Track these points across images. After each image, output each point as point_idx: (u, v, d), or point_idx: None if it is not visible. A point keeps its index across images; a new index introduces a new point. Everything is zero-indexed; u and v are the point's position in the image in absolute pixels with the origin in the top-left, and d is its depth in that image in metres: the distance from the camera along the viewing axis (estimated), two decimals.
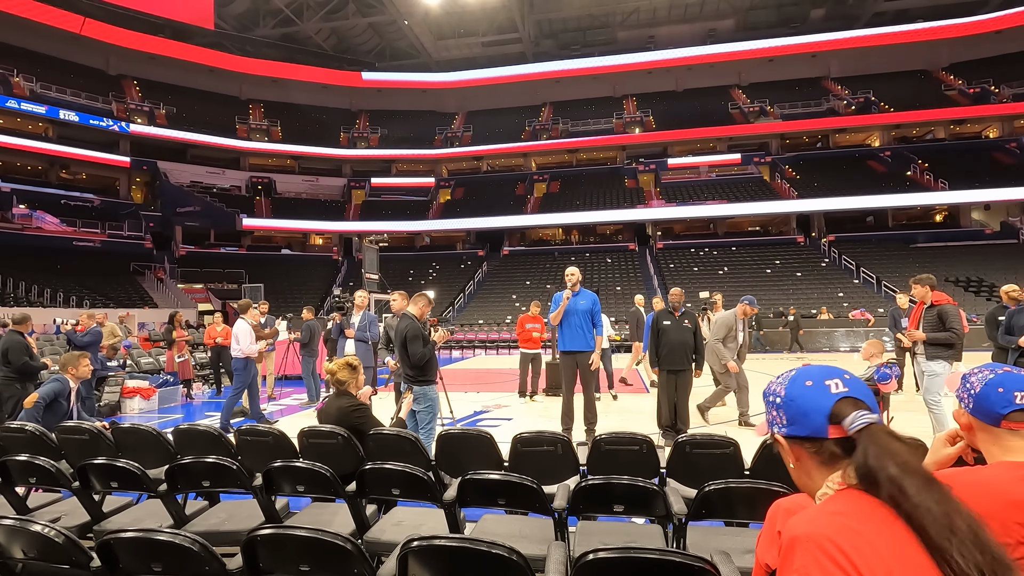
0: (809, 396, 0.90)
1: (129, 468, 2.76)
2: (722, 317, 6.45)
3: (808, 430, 0.90)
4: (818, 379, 0.92)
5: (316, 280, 29.43)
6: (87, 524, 2.87)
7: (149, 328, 19.39)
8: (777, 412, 0.94)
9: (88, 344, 7.59)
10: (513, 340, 21.44)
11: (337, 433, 3.12)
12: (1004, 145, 28.54)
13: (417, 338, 4.50)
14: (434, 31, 33.40)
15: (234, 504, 3.10)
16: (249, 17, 32.19)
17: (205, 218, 28.95)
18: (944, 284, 20.76)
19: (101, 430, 3.64)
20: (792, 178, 29.41)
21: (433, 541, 1.65)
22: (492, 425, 7.03)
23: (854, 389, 0.90)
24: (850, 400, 0.89)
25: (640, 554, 1.52)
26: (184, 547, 1.73)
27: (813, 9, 32.35)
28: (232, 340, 6.90)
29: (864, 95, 30.67)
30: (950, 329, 4.83)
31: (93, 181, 29.35)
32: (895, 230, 28.47)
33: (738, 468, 2.86)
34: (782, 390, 0.94)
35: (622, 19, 33.60)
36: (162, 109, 30.31)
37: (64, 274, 22.70)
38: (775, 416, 0.95)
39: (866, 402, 0.89)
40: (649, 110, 33.64)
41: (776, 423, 0.95)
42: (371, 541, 2.56)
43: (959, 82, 30.38)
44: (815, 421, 0.89)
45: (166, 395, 9.17)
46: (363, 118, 36.54)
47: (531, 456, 3.11)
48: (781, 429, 0.94)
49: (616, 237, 31.74)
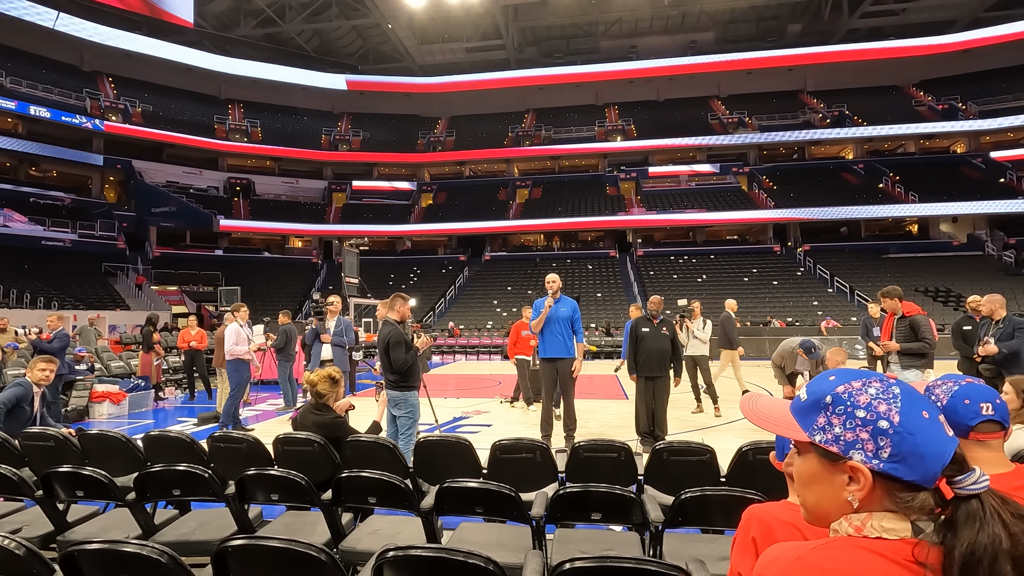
0: (930, 435, 0.69)
1: (96, 476, 2.68)
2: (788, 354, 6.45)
3: (917, 476, 0.68)
4: (933, 412, 0.71)
5: (295, 283, 29.05)
6: (50, 535, 2.77)
7: (120, 331, 18.91)
8: (876, 438, 0.70)
9: (57, 350, 7.37)
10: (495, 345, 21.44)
11: (313, 440, 3.08)
12: (971, 160, 29.54)
13: (400, 344, 4.45)
14: (418, 35, 33.38)
15: (205, 513, 3.03)
16: (230, 16, 31.77)
17: (181, 219, 28.39)
18: (913, 294, 21.36)
19: (67, 436, 3.53)
20: (769, 188, 30.02)
21: (409, 551, 1.64)
22: (471, 431, 7.00)
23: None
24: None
25: (616, 563, 1.53)
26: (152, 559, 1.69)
27: (790, 24, 33.17)
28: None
29: (839, 108, 31.48)
30: (923, 339, 4.95)
31: (64, 179, 28.59)
32: (867, 240, 29.22)
33: (714, 475, 2.89)
34: (895, 415, 0.70)
35: (605, 28, 34.01)
36: (138, 107, 29.69)
37: (32, 274, 22.02)
38: (865, 440, 0.71)
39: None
40: (631, 119, 34.05)
41: (864, 450, 0.71)
42: (347, 551, 2.53)
43: (928, 98, 31.39)
44: (930, 469, 0.68)
45: (137, 400, 8.94)
46: (345, 120, 36.28)
47: (510, 463, 3.10)
48: (872, 460, 0.70)
49: (597, 244, 31.99)
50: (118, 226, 27.08)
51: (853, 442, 0.71)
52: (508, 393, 10.21)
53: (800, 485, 0.79)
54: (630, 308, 8.79)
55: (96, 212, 27.27)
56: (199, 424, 7.75)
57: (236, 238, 31.36)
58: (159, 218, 28.12)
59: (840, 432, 0.72)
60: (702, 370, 7.66)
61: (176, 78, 32.31)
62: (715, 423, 7.22)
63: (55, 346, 7.46)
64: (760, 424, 0.80)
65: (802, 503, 0.79)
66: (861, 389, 0.73)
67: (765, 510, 1.29)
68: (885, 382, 0.74)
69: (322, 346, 7.05)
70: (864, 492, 0.71)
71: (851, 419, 0.72)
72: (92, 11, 27.71)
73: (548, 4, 30.07)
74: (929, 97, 31.43)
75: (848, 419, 0.72)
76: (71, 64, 29.80)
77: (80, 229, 25.56)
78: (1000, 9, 29.52)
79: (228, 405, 6.81)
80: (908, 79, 33.01)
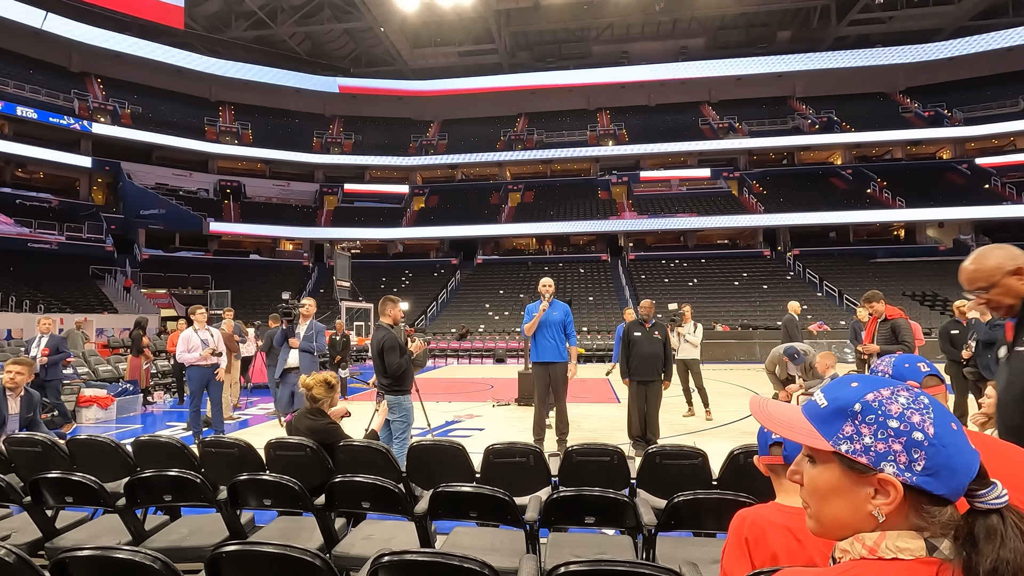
0: (960, 447, 0.66)
1: (85, 482, 2.65)
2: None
3: (947, 489, 0.65)
4: (957, 423, 0.68)
5: (286, 287, 28.69)
6: (38, 541, 2.74)
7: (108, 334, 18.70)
8: (910, 450, 0.66)
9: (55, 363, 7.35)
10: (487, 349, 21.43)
11: (306, 445, 3.06)
12: (956, 166, 29.98)
13: (394, 348, 4.45)
14: (410, 39, 33.38)
15: (197, 519, 3.00)
16: (221, 18, 31.61)
17: (170, 221, 28.14)
18: (901, 298, 21.61)
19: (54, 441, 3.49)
20: (759, 193, 30.29)
21: (404, 556, 1.64)
22: (464, 435, 7.00)
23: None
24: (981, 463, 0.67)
25: (610, 566, 1.54)
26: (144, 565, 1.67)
27: (780, 31, 33.56)
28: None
29: (827, 115, 31.85)
30: (902, 342, 5.03)
31: (51, 181, 28.25)
32: (856, 245, 29.53)
33: (706, 479, 2.91)
34: (928, 425, 0.66)
35: (597, 34, 34.22)
36: (127, 109, 29.43)
37: (18, 277, 21.72)
38: (898, 452, 0.67)
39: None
40: (622, 123, 34.24)
41: (897, 462, 0.66)
42: (340, 556, 2.52)
43: (915, 105, 31.85)
44: (960, 482, 0.65)
45: (125, 404, 8.84)
46: (337, 123, 36.19)
47: (503, 467, 3.11)
48: (905, 473, 0.66)
49: (589, 248, 32.09)
50: (106, 228, 26.79)
51: (885, 453, 0.67)
52: (500, 397, 10.22)
53: (815, 496, 0.73)
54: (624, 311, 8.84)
55: (84, 214, 26.95)
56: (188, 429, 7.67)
57: (226, 241, 31.13)
58: (148, 220, 27.85)
59: (871, 442, 0.68)
60: (693, 374, 7.70)
61: (166, 80, 32.06)
62: (706, 427, 7.27)
63: (56, 358, 7.32)
64: (771, 427, 0.76)
65: (814, 515, 0.74)
66: (891, 398, 0.69)
67: (755, 512, 1.31)
68: (912, 391, 0.70)
69: (289, 351, 6.53)
70: (893, 506, 0.67)
71: (883, 429, 0.67)
72: (81, 11, 27.46)
73: (540, 9, 30.20)
74: (915, 104, 31.89)
75: (880, 429, 0.68)
76: (59, 65, 29.49)
77: (67, 231, 25.26)
78: (984, 18, 30.05)
79: (216, 414, 6.72)
80: (895, 86, 33.47)
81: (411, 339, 4.95)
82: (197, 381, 6.57)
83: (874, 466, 0.67)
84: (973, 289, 1.88)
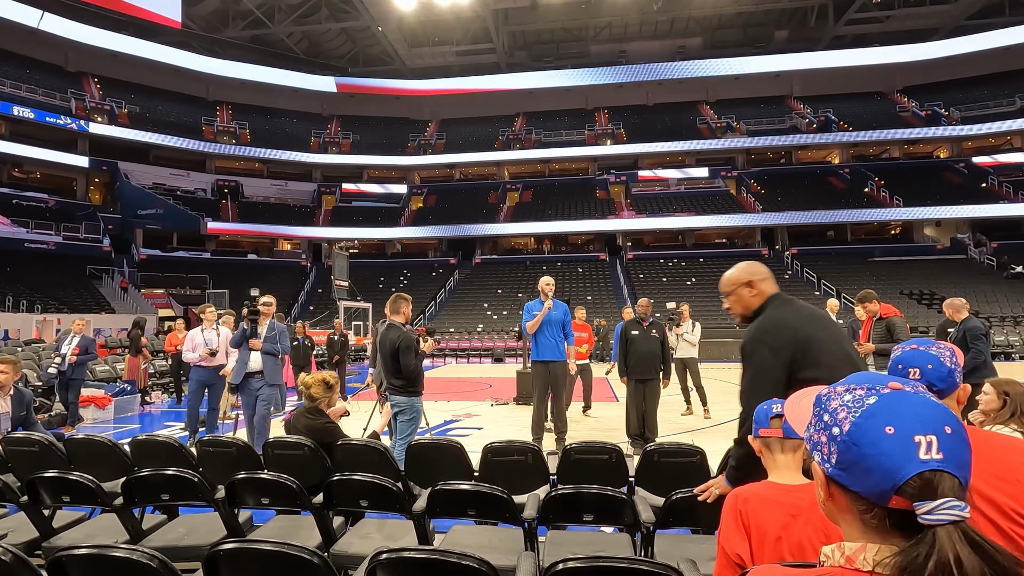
0: (882, 450, 0.64)
1: (83, 481, 2.65)
2: None
3: (863, 488, 0.66)
4: (907, 427, 0.64)
5: (284, 287, 28.80)
6: (35, 541, 2.73)
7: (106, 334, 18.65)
8: (829, 443, 0.69)
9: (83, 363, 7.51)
10: (485, 349, 21.42)
11: (304, 444, 3.06)
12: (953, 165, 30.05)
13: (410, 349, 4.34)
14: (408, 38, 33.35)
15: (194, 518, 3.00)
16: (218, 18, 31.54)
17: (167, 221, 28.08)
18: (899, 297, 21.66)
19: (52, 440, 3.48)
20: (757, 192, 30.32)
21: (402, 553, 1.64)
22: (462, 435, 7.00)
23: (951, 457, 0.62)
24: (940, 476, 0.61)
25: (608, 563, 1.54)
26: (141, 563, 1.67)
27: (777, 30, 33.59)
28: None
29: (825, 114, 31.89)
30: (897, 340, 5.04)
31: (48, 181, 28.16)
32: (854, 244, 29.59)
33: (704, 476, 2.91)
34: (847, 423, 0.68)
35: (594, 33, 34.21)
36: (124, 108, 29.34)
37: (15, 277, 21.66)
38: (823, 444, 0.71)
39: (961, 478, 0.62)
40: (620, 123, 34.24)
41: (821, 452, 0.71)
42: (338, 554, 2.52)
43: (912, 104, 31.90)
44: (878, 485, 0.64)
45: (123, 404, 8.82)
46: (335, 123, 36.13)
47: (501, 466, 3.11)
48: (825, 464, 0.70)
49: (587, 247, 32.10)
50: (103, 228, 26.73)
51: (816, 443, 0.73)
52: (499, 396, 10.22)
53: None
54: (622, 311, 8.84)
55: (81, 214, 26.89)
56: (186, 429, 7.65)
57: (224, 240, 31.07)
58: (145, 220, 27.79)
59: (811, 432, 0.74)
60: (691, 373, 7.71)
61: (163, 79, 31.96)
62: (705, 425, 7.28)
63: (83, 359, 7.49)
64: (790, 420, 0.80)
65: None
66: (837, 395, 0.72)
67: (748, 489, 1.36)
68: (871, 391, 0.70)
69: (250, 353, 5.73)
70: (822, 488, 0.72)
71: (820, 421, 0.73)
72: (77, 11, 27.37)
73: (538, 8, 30.19)
74: (913, 103, 31.94)
75: (818, 421, 0.73)
76: (56, 64, 29.39)
77: (64, 231, 25.21)
78: (981, 17, 30.12)
79: (211, 417, 6.58)
80: (892, 85, 33.52)
81: (423, 339, 4.86)
82: (196, 382, 6.47)
83: (809, 452, 0.74)
84: (721, 295, 2.21)
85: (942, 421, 0.64)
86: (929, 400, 0.67)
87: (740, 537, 1.24)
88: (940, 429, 0.64)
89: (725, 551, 1.25)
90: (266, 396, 5.73)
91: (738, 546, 1.23)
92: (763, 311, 2.08)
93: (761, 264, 2.17)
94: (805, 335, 1.97)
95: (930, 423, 0.64)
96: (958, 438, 0.64)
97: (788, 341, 1.96)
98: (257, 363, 5.75)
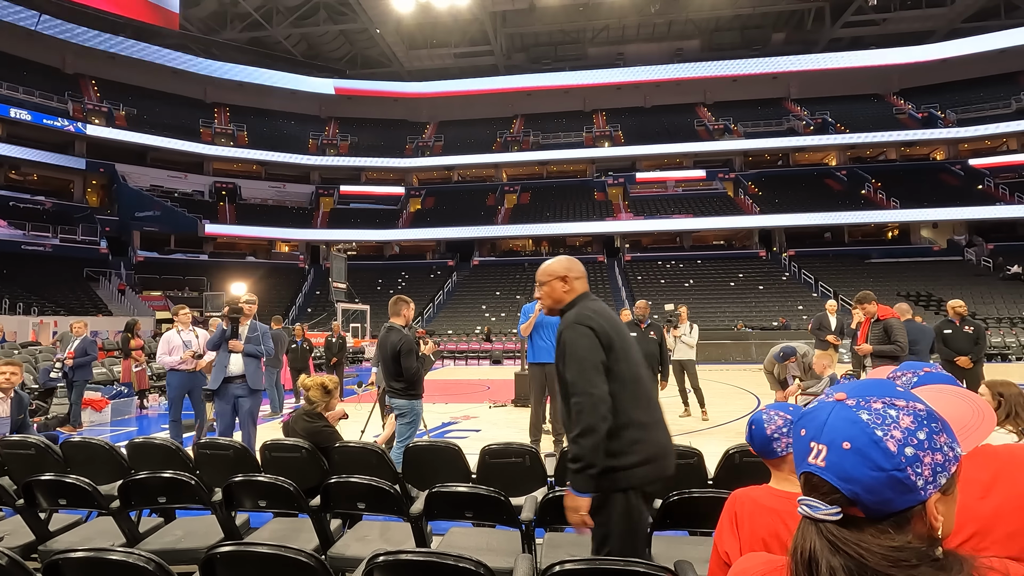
0: (796, 447, 0.73)
1: (79, 484, 2.64)
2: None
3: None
4: (811, 434, 0.71)
5: (282, 289, 28.80)
6: (31, 544, 2.72)
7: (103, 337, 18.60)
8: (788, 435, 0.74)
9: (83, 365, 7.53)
10: (483, 351, 21.42)
11: (301, 446, 3.06)
12: (950, 167, 30.16)
13: (411, 352, 4.32)
14: (406, 41, 33.39)
15: (191, 520, 2.99)
16: (216, 20, 31.54)
17: (165, 223, 28.04)
18: (896, 298, 21.68)
19: (48, 443, 3.47)
20: (754, 194, 30.39)
21: (399, 555, 1.64)
22: (460, 436, 6.99)
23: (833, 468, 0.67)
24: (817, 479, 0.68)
25: (605, 565, 1.54)
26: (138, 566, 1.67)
27: (774, 33, 33.71)
28: None
29: (822, 116, 32.00)
30: (894, 342, 5.05)
31: (45, 183, 28.12)
32: (851, 246, 29.65)
33: (701, 478, 2.92)
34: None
35: (592, 35, 34.29)
36: (122, 110, 29.30)
37: (11, 280, 21.60)
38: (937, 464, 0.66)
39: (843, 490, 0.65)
40: (618, 125, 34.30)
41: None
42: (335, 557, 2.51)
43: (909, 106, 32.03)
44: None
45: (120, 407, 8.80)
46: (333, 125, 36.14)
47: (499, 468, 3.11)
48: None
49: (585, 249, 32.11)
50: (100, 231, 26.68)
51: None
52: (497, 398, 10.21)
53: None
54: (621, 312, 8.85)
55: (78, 216, 26.84)
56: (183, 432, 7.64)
57: (222, 242, 31.03)
58: (143, 223, 27.75)
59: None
60: (689, 374, 7.72)
61: (161, 81, 31.95)
62: (702, 427, 7.28)
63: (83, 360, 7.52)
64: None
65: None
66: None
67: (747, 493, 1.37)
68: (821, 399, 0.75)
69: (229, 355, 5.22)
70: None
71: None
72: (75, 13, 27.35)
73: (536, 11, 30.26)
74: (909, 105, 32.06)
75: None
76: (53, 66, 29.37)
77: (61, 234, 25.16)
78: (977, 20, 30.26)
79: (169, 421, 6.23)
80: (889, 87, 33.66)
81: (423, 341, 4.85)
82: (176, 388, 6.02)
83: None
84: (536, 283, 2.22)
85: (846, 438, 0.66)
86: (852, 417, 0.67)
87: (732, 537, 1.26)
88: (837, 443, 0.66)
89: (718, 550, 1.27)
90: (248, 407, 5.15)
91: (729, 545, 1.25)
92: (573, 307, 2.12)
93: (579, 263, 2.21)
94: (616, 327, 2.08)
95: (830, 435, 0.68)
96: (859, 456, 0.65)
97: (607, 328, 2.03)
98: (238, 366, 5.23)
